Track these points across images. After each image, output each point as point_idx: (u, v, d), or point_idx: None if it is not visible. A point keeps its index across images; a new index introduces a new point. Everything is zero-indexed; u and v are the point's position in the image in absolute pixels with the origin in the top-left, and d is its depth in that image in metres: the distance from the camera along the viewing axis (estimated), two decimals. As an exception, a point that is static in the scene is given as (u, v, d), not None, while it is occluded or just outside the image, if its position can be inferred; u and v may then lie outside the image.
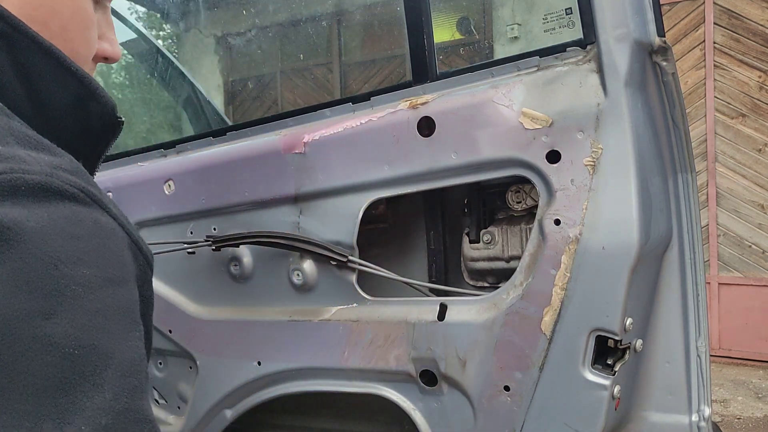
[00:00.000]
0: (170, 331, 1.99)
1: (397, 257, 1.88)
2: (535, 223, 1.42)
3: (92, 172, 0.68)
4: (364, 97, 1.64)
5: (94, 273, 0.50)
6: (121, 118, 0.68)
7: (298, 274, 1.72)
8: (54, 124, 0.63)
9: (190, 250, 1.89)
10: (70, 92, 0.63)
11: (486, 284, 1.73)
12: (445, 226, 1.76)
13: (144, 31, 3.52)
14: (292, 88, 7.28)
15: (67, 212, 0.50)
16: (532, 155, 1.39)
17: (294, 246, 1.68)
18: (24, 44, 0.59)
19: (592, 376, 1.37)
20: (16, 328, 0.44)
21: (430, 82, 1.55)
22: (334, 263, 1.64)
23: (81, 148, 0.65)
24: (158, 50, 3.37)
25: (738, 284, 5.26)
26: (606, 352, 1.39)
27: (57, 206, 0.50)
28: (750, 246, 5.23)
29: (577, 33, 1.41)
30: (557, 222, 1.37)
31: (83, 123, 0.66)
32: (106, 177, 2.10)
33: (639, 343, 1.45)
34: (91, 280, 0.49)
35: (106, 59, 0.73)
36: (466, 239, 1.69)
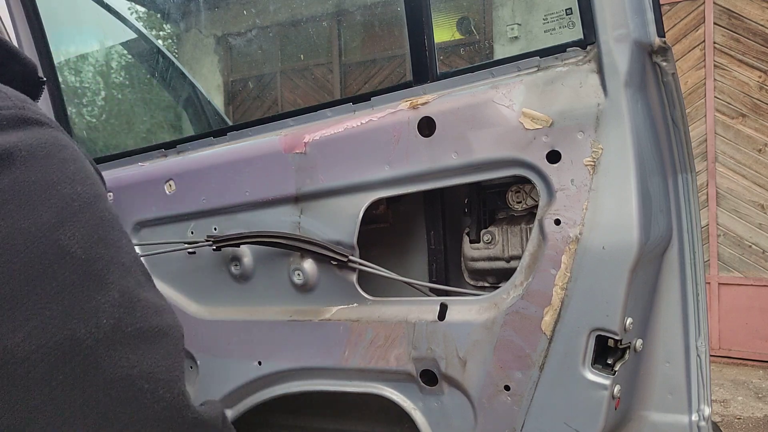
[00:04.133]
0: (171, 331, 1.99)
1: (397, 257, 1.88)
2: (536, 223, 1.42)
3: None
4: (365, 97, 1.64)
5: (86, 190, 0.58)
6: (42, 78, 0.73)
7: (298, 274, 1.72)
8: None
9: (190, 250, 1.89)
10: None
11: (486, 284, 1.73)
12: (446, 226, 1.76)
13: (144, 31, 3.52)
14: (293, 88, 7.28)
15: (49, 138, 0.57)
16: (532, 155, 1.40)
17: (295, 246, 1.68)
18: None
19: (592, 376, 1.38)
20: (39, 241, 0.52)
21: (431, 82, 1.55)
22: (335, 263, 1.64)
23: None
24: (158, 50, 3.37)
25: (738, 284, 5.26)
26: (606, 351, 1.39)
27: (37, 132, 0.57)
28: (750, 246, 5.23)
29: (577, 33, 1.41)
30: (557, 222, 1.37)
31: (8, 83, 0.69)
32: (106, 177, 2.10)
33: (639, 342, 1.45)
34: (85, 197, 0.57)
35: None
36: (466, 239, 1.70)
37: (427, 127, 1.51)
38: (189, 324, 1.95)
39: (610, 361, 1.39)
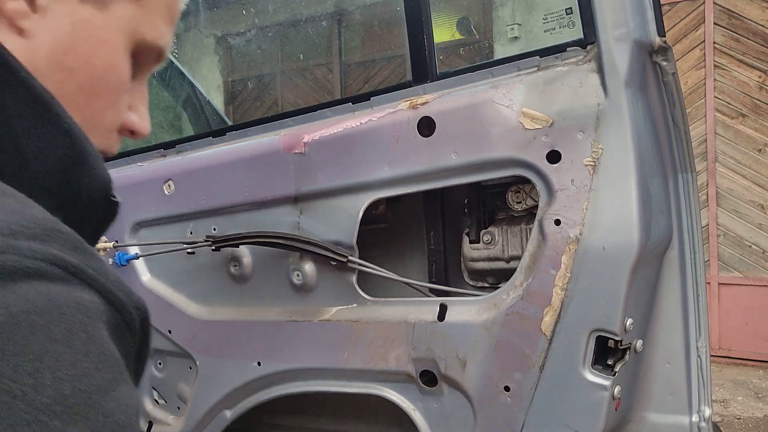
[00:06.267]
0: (170, 332, 1.98)
1: (397, 257, 1.88)
2: (536, 223, 1.42)
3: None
4: (364, 97, 1.64)
5: (78, 387, 0.36)
6: (115, 197, 0.57)
7: (298, 275, 1.72)
8: (38, 189, 0.50)
9: (189, 250, 1.88)
10: (57, 153, 0.52)
11: (486, 284, 1.73)
12: (445, 227, 1.75)
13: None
14: (292, 88, 7.28)
15: (36, 299, 0.36)
16: (532, 155, 1.39)
17: (294, 246, 1.68)
18: (15, 89, 0.49)
19: (592, 377, 1.37)
20: None
21: (430, 82, 1.55)
22: (334, 263, 1.64)
23: (69, 222, 0.48)
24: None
25: (738, 284, 5.26)
26: (606, 352, 1.39)
27: (17, 291, 0.36)
28: (750, 246, 5.23)
29: (577, 33, 1.40)
30: (557, 222, 1.37)
31: (70, 193, 0.53)
32: (105, 177, 2.10)
33: (639, 343, 1.45)
34: (74, 401, 0.35)
35: (133, 133, 0.63)
36: (466, 239, 1.69)
37: (426, 127, 1.51)
38: (188, 324, 1.95)
39: (610, 362, 1.39)
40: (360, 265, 1.63)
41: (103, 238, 2.03)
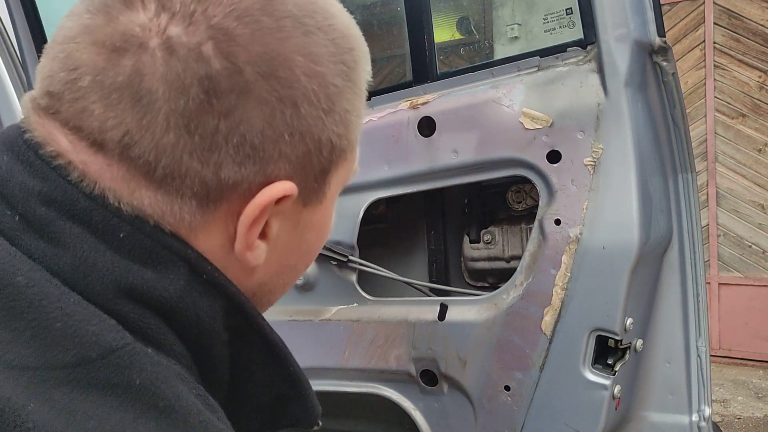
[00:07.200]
0: (171, 331, 1.99)
1: (397, 257, 1.88)
2: (536, 223, 1.42)
3: None
4: (365, 97, 1.64)
5: None
6: (319, 424, 0.58)
7: (298, 274, 1.72)
8: (239, 416, 0.53)
9: (190, 250, 1.88)
10: (274, 391, 0.54)
11: (486, 284, 1.73)
12: (446, 226, 1.76)
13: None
14: (292, 88, 7.27)
15: None
16: (532, 155, 1.40)
17: (294, 246, 1.68)
18: (252, 341, 0.51)
19: (592, 376, 1.38)
20: None
21: (431, 82, 1.55)
22: (335, 263, 1.64)
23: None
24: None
25: (738, 284, 5.26)
26: (606, 352, 1.39)
27: None
28: (750, 246, 5.23)
29: (577, 33, 1.41)
30: (558, 222, 1.37)
31: (269, 419, 0.56)
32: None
33: (639, 343, 1.45)
34: None
35: None
36: (466, 239, 1.69)
37: (427, 126, 1.51)
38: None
39: (610, 362, 1.39)
40: (360, 264, 1.63)
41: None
